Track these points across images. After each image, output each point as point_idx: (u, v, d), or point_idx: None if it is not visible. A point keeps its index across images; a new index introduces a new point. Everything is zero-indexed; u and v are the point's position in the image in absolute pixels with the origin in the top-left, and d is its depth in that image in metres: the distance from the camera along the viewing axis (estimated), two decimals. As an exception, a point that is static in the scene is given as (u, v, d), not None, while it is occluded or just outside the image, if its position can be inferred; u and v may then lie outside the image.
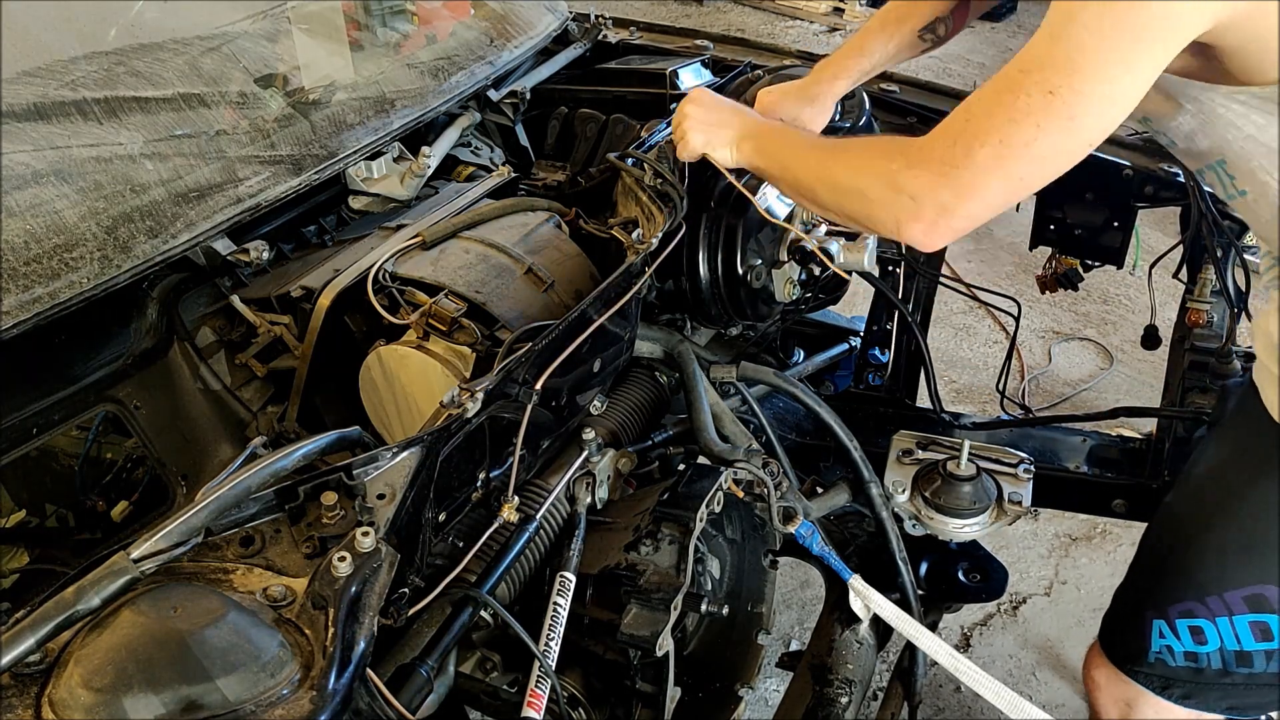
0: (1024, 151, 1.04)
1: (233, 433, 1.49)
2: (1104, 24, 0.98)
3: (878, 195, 1.17)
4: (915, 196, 1.12)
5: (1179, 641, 1.31)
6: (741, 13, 6.47)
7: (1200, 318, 1.81)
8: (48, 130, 1.38)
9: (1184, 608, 1.29)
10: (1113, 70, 0.99)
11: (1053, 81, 1.00)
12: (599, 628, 1.30)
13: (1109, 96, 1.00)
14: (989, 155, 1.05)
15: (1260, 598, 1.23)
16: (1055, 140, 1.02)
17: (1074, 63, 0.99)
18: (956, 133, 1.08)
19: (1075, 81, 0.99)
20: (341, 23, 1.87)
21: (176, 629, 0.82)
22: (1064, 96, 1.00)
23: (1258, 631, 1.25)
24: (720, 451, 1.47)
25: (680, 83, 2.03)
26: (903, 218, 1.14)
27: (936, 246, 1.16)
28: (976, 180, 1.07)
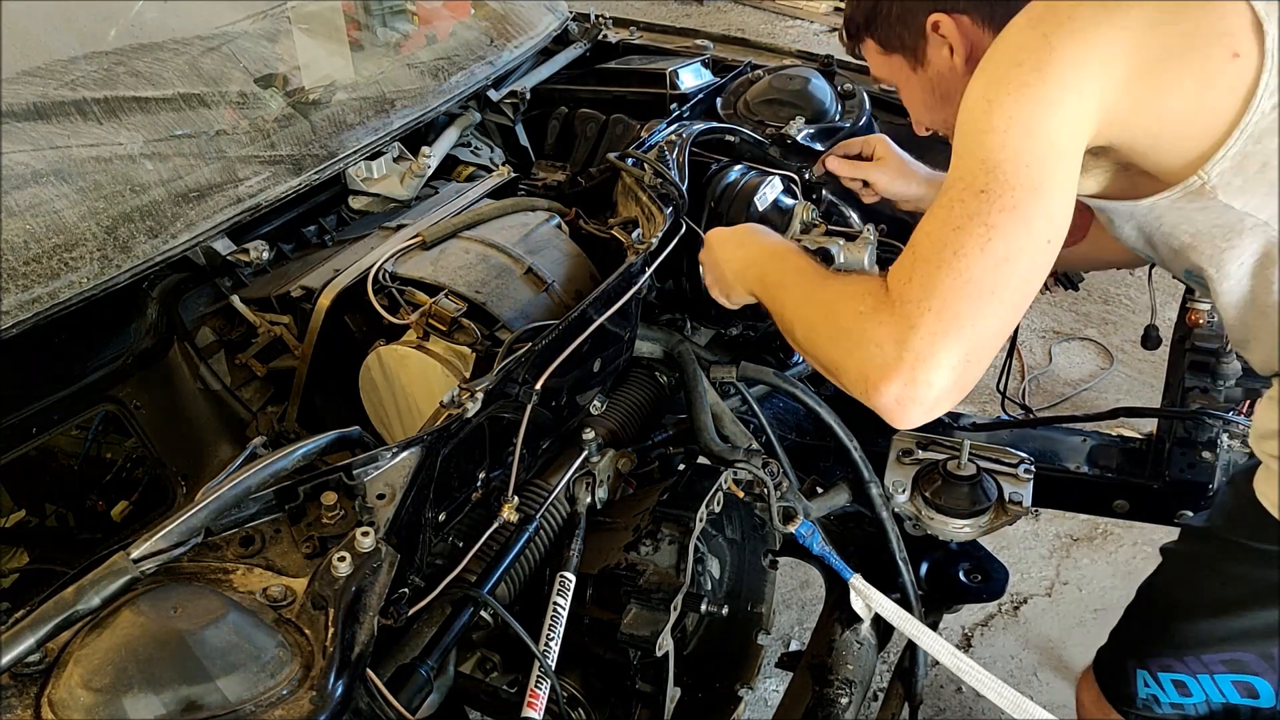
0: (981, 257, 0.95)
1: (233, 433, 1.49)
2: (997, 113, 0.97)
3: (845, 342, 1.04)
4: (883, 347, 0.98)
5: (1164, 693, 1.31)
6: (741, 13, 6.47)
7: (1200, 318, 1.81)
8: (48, 130, 1.38)
9: (1164, 663, 1.29)
10: (1026, 148, 0.96)
11: (980, 181, 0.96)
12: (599, 628, 1.30)
13: (1036, 173, 0.96)
14: (949, 276, 0.95)
15: (1239, 662, 1.23)
16: (1010, 237, 0.95)
17: (990, 158, 0.97)
18: (909, 268, 0.99)
19: (999, 173, 0.96)
20: (341, 23, 1.87)
21: (176, 629, 0.82)
22: (995, 190, 0.96)
23: (1242, 689, 1.25)
24: (720, 451, 1.47)
25: (680, 83, 2.03)
26: (871, 373, 0.99)
27: (915, 416, 0.98)
28: (946, 310, 0.95)
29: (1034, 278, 0.98)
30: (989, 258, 0.95)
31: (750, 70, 2.10)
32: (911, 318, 0.96)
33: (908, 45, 1.28)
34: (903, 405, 0.98)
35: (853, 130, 1.90)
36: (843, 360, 1.04)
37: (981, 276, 0.95)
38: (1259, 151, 0.98)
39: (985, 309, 0.96)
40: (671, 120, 1.82)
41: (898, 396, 0.97)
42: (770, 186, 1.68)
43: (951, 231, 0.96)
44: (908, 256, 1.00)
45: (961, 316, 0.95)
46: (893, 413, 0.99)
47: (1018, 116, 0.97)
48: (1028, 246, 0.96)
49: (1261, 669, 1.21)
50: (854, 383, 1.03)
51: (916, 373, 0.96)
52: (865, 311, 1.01)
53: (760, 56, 2.22)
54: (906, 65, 1.31)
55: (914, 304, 0.97)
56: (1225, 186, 1.01)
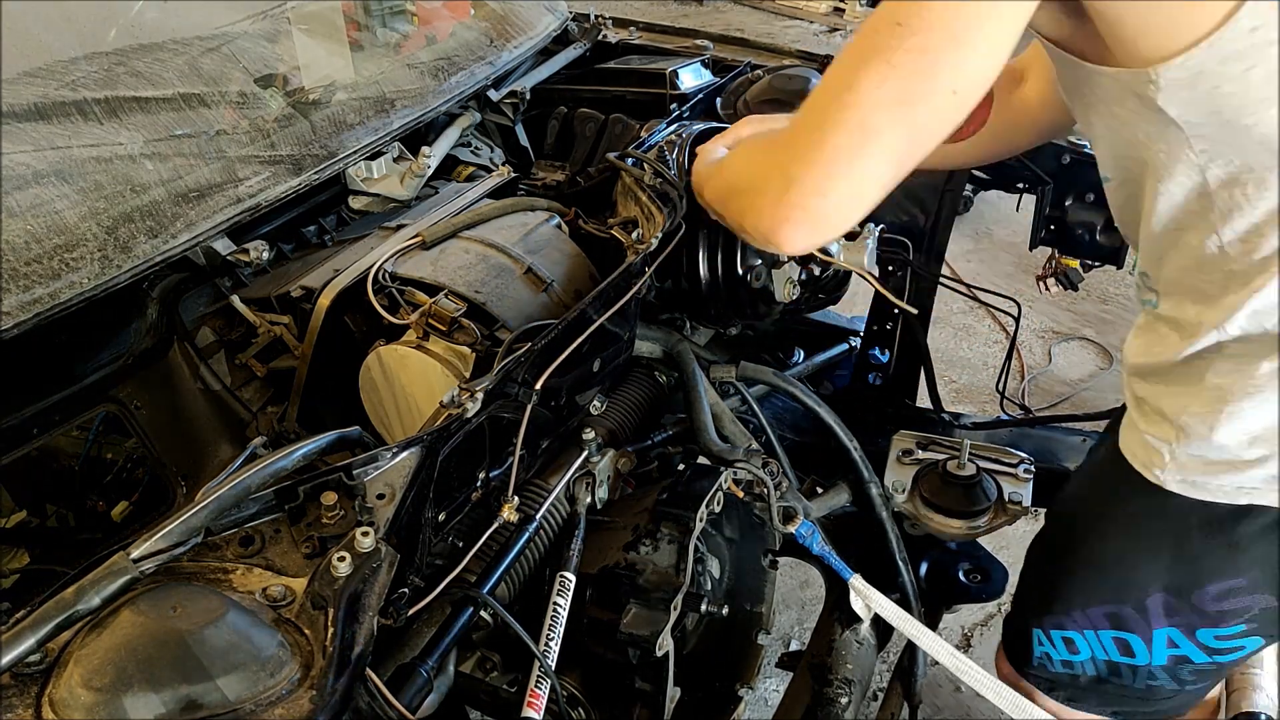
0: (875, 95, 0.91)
1: (233, 433, 1.49)
2: None
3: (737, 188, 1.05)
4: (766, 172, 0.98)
5: (1055, 650, 1.34)
6: (741, 13, 6.48)
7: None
8: (48, 130, 1.38)
9: (1054, 620, 1.33)
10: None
11: (900, 13, 0.91)
12: (599, 628, 1.30)
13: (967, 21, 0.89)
14: (840, 110, 0.93)
15: (1118, 615, 1.26)
16: (909, 81, 0.90)
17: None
18: (811, 101, 0.97)
19: (923, 11, 0.89)
20: (341, 23, 1.87)
21: (176, 629, 0.82)
22: (911, 26, 0.90)
23: (1120, 646, 1.28)
24: (720, 451, 1.47)
25: (680, 83, 2.03)
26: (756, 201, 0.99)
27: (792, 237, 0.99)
28: (829, 141, 0.93)
29: (932, 125, 0.94)
30: (883, 97, 0.92)
31: (750, 70, 2.10)
32: (797, 146, 0.96)
33: None
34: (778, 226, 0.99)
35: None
36: (739, 199, 1.05)
37: (872, 113, 0.92)
38: (1219, 73, 0.91)
39: (870, 144, 0.93)
40: (671, 120, 1.82)
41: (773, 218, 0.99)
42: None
43: (852, 66, 0.93)
44: (814, 90, 0.99)
45: (844, 149, 0.94)
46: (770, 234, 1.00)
47: None
48: (928, 94, 0.91)
49: (1136, 624, 1.24)
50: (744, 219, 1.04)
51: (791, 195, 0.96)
52: (758, 154, 1.03)
53: (760, 56, 2.22)
54: None
55: (802, 135, 0.96)
56: (1168, 94, 0.94)
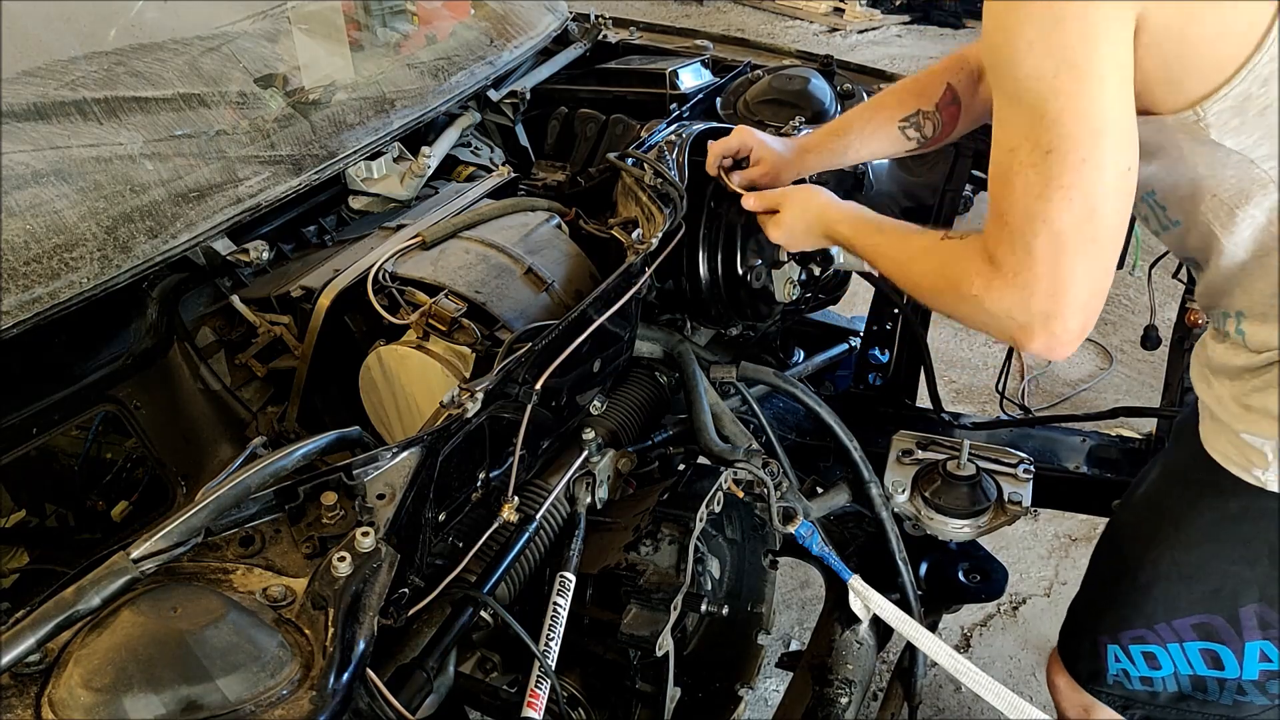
0: (1070, 216, 0.98)
1: (233, 433, 1.49)
2: (1041, 56, 0.95)
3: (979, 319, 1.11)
4: (1014, 316, 1.05)
5: (1134, 666, 1.31)
6: (741, 13, 6.48)
7: (1200, 318, 1.81)
8: (48, 130, 1.38)
9: (1135, 634, 1.29)
10: (1079, 93, 0.95)
11: (1044, 140, 0.97)
12: (599, 628, 1.30)
13: (1095, 117, 0.96)
14: (1047, 242, 0.99)
15: (1208, 626, 1.23)
16: (1089, 188, 0.97)
17: (1047, 111, 0.96)
18: (1009, 241, 1.03)
19: (1059, 128, 0.96)
20: (341, 23, 1.87)
21: (176, 629, 0.82)
22: (1061, 148, 0.96)
23: (1209, 659, 1.25)
24: (720, 451, 1.47)
25: (680, 83, 2.03)
26: (1019, 337, 1.07)
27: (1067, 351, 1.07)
28: (1058, 271, 1.00)
29: (1123, 208, 1.00)
30: (1076, 215, 0.98)
31: (750, 70, 2.10)
32: (1028, 286, 1.02)
33: None
34: (1051, 350, 1.06)
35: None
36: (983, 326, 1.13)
37: (1076, 232, 0.99)
38: (1263, 95, 0.98)
39: (1089, 255, 1.00)
40: (671, 120, 1.82)
41: (1044, 346, 1.05)
42: (770, 187, 1.68)
43: (1035, 201, 0.99)
44: (1000, 229, 1.04)
45: (1071, 269, 1.00)
46: (1047, 356, 1.08)
47: (1063, 57, 0.95)
48: (1109, 189, 0.98)
49: (1228, 635, 1.21)
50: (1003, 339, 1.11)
51: (1051, 326, 1.03)
52: (980, 294, 1.08)
53: (760, 56, 2.22)
54: None
55: (1026, 273, 1.02)
56: (1221, 126, 1.01)
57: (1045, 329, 1.03)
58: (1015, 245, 1.02)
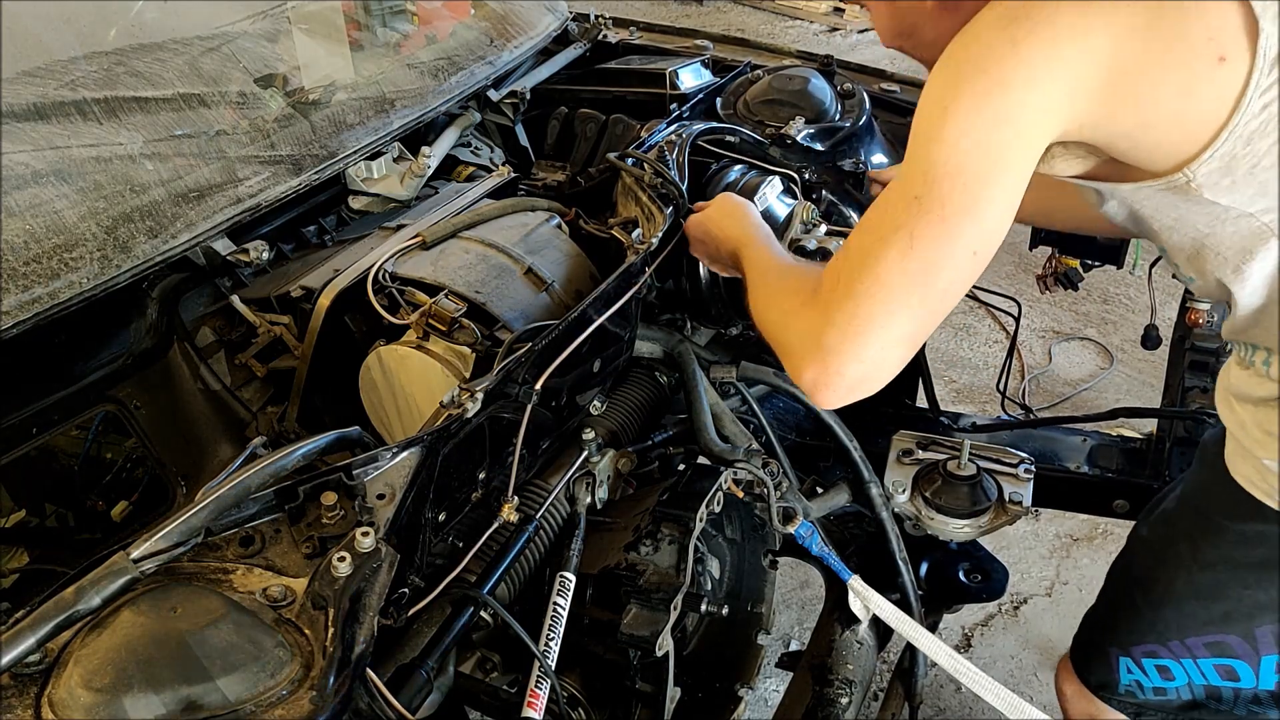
0: (902, 266, 0.97)
1: (233, 433, 1.49)
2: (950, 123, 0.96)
3: (777, 333, 1.12)
4: (802, 338, 1.05)
5: (1147, 678, 1.31)
6: (741, 13, 6.47)
7: (1200, 318, 1.81)
8: (48, 130, 1.38)
9: (1147, 649, 1.29)
10: (973, 163, 0.95)
11: (916, 188, 0.97)
12: (599, 628, 1.30)
13: (977, 191, 0.96)
14: (868, 281, 0.99)
15: (1222, 644, 1.22)
16: (932, 251, 0.96)
17: (932, 170, 0.96)
18: (838, 269, 1.04)
19: (936, 187, 0.96)
20: (341, 23, 1.87)
21: (176, 629, 0.82)
22: (927, 202, 0.96)
23: (1223, 672, 1.24)
24: (720, 451, 1.47)
25: (680, 83, 2.03)
26: (795, 361, 1.06)
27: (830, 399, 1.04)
28: (859, 312, 0.99)
29: (954, 288, 1.00)
30: (907, 268, 0.98)
31: (750, 70, 2.10)
32: (830, 314, 1.02)
33: None
34: (818, 389, 1.05)
35: (852, 130, 1.90)
36: (779, 345, 1.13)
37: (898, 285, 0.98)
38: (1249, 153, 0.96)
39: (898, 314, 0.99)
40: (671, 120, 1.82)
41: (813, 381, 1.05)
42: (770, 186, 1.68)
43: (877, 240, 1.00)
44: (840, 256, 1.06)
45: (874, 318, 1.00)
46: (811, 394, 1.06)
47: (969, 130, 0.95)
48: (950, 260, 0.98)
49: (1244, 651, 1.21)
50: (785, 364, 1.11)
51: (829, 363, 1.02)
52: (793, 309, 1.09)
53: (760, 56, 2.22)
54: None
55: (834, 304, 1.02)
56: (1212, 186, 0.99)
57: (821, 363, 1.02)
58: (840, 274, 1.03)
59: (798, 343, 1.06)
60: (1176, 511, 1.29)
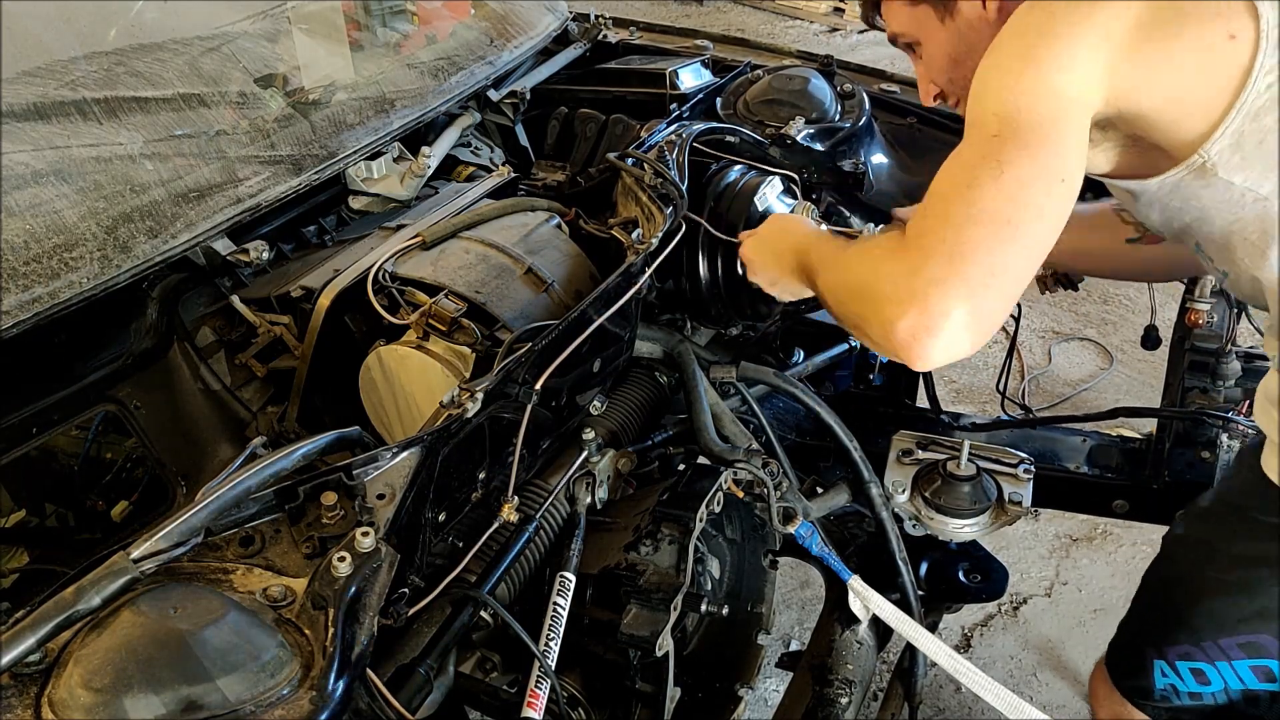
0: (995, 188, 0.96)
1: (233, 433, 1.49)
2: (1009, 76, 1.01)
3: (861, 289, 1.05)
4: (896, 279, 0.97)
5: (1182, 682, 1.30)
6: (741, 13, 6.47)
7: (1200, 318, 1.81)
8: (48, 130, 1.38)
9: (1182, 650, 1.28)
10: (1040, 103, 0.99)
11: (992, 127, 1.00)
12: (599, 628, 1.30)
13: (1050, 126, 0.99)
14: (962, 205, 0.96)
15: (1256, 645, 1.22)
16: (1023, 170, 0.97)
17: (1003, 109, 1.00)
18: (927, 211, 1.01)
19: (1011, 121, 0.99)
20: (341, 23, 1.87)
21: (176, 629, 0.82)
22: (1006, 134, 0.99)
23: (1260, 674, 1.24)
24: (720, 451, 1.47)
25: (680, 83, 2.03)
26: (891, 309, 0.97)
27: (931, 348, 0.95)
28: (963, 239, 0.94)
29: (1049, 212, 0.98)
30: (1003, 188, 0.96)
31: (750, 70, 2.10)
32: (927, 249, 0.97)
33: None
34: (918, 338, 0.95)
35: (852, 130, 1.90)
36: (864, 310, 1.03)
37: (995, 205, 0.95)
38: (1256, 129, 1.02)
39: (1000, 236, 0.94)
40: (671, 120, 1.82)
41: (913, 328, 0.95)
42: (770, 186, 1.68)
43: (964, 170, 1.00)
44: (925, 204, 1.02)
45: (976, 242, 0.94)
46: (910, 348, 0.96)
47: (1027, 76, 1.01)
48: (1041, 178, 0.98)
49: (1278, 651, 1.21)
50: (875, 328, 1.00)
51: (930, 300, 0.94)
52: (881, 256, 1.02)
53: (760, 56, 2.22)
54: (934, 16, 1.25)
55: (928, 235, 0.97)
56: (1226, 164, 1.04)
57: (923, 302, 0.93)
58: (930, 209, 1.00)
59: (890, 288, 0.97)
60: (1210, 512, 1.30)
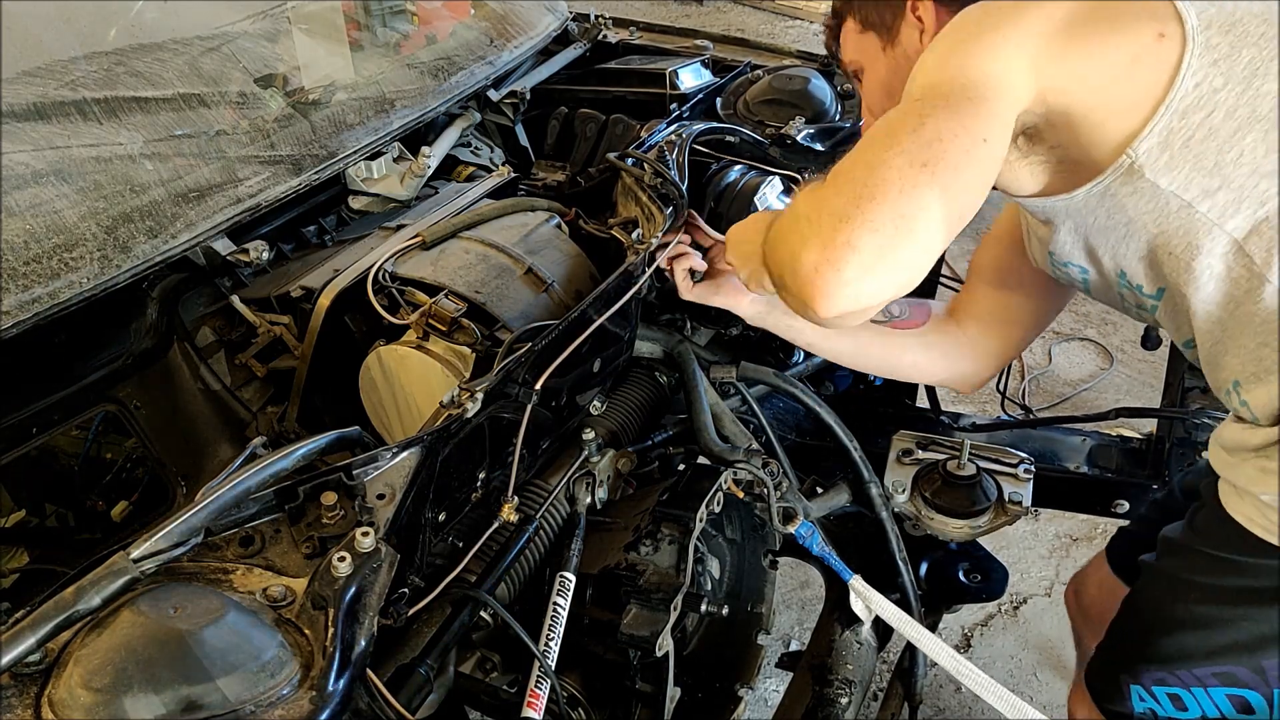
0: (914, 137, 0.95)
1: (233, 433, 1.49)
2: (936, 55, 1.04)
3: (776, 238, 1.04)
4: (807, 217, 0.96)
5: (1160, 706, 1.28)
6: (741, 13, 6.48)
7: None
8: (48, 130, 1.38)
9: (1156, 677, 1.26)
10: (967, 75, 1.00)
11: (916, 93, 1.02)
12: (599, 628, 1.30)
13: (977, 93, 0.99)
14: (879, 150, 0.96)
15: (1231, 675, 1.20)
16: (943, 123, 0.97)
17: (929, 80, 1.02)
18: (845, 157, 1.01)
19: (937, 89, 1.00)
20: (341, 23, 1.87)
21: (176, 629, 0.82)
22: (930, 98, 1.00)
23: (1237, 703, 1.21)
24: (720, 451, 1.47)
25: (680, 83, 2.03)
26: (795, 245, 0.96)
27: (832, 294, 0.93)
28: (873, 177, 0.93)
29: (968, 166, 0.95)
30: (920, 136, 0.96)
31: (750, 70, 2.10)
32: (839, 186, 0.95)
33: (885, 23, 1.33)
34: (821, 272, 0.92)
35: (853, 130, 1.91)
36: (780, 254, 1.01)
37: (912, 149, 0.94)
38: (1183, 127, 1.02)
39: (913, 179, 0.92)
40: (671, 120, 1.82)
41: (815, 262, 0.92)
42: (770, 186, 1.68)
43: (885, 123, 1.00)
44: (844, 157, 1.01)
45: (889, 182, 0.92)
46: (813, 283, 0.93)
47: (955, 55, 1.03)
48: (962, 134, 0.96)
49: (1254, 682, 1.18)
50: (786, 269, 0.98)
51: (837, 233, 0.91)
52: (800, 198, 1.01)
53: (760, 56, 2.22)
54: (879, 43, 1.34)
55: (842, 175, 0.96)
56: (1153, 165, 1.04)
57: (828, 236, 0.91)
58: (847, 157, 0.98)
59: (796, 228, 0.95)
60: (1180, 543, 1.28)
